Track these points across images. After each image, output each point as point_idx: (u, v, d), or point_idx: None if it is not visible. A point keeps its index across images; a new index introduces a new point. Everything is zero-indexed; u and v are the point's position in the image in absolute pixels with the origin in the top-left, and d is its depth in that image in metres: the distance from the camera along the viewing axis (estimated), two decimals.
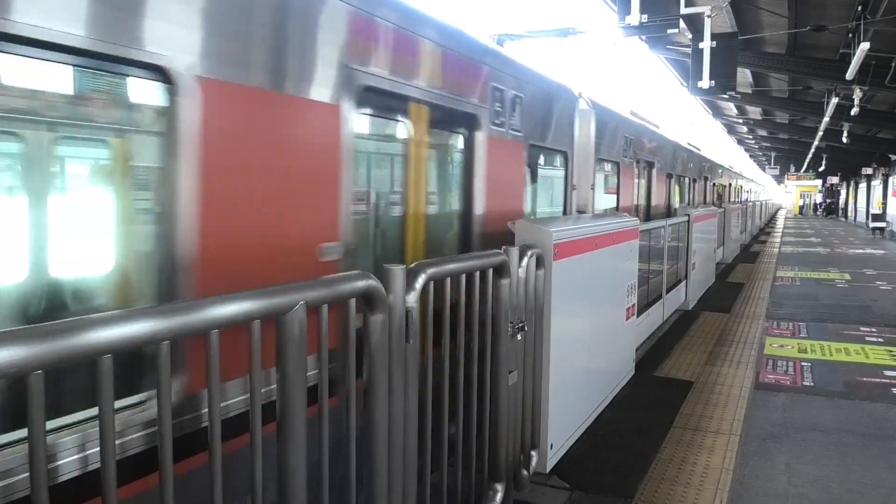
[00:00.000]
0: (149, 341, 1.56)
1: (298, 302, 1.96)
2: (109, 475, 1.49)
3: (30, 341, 1.32)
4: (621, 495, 3.80)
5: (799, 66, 17.08)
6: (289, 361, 1.98)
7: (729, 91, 10.87)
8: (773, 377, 6.29)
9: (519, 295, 3.49)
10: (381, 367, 2.36)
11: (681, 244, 9.76)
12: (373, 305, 2.32)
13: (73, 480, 2.01)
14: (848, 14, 12.50)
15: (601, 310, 5.09)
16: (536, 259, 3.68)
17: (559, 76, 6.21)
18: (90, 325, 1.44)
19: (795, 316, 9.39)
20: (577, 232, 4.38)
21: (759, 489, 3.93)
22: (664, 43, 16.43)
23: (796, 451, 4.49)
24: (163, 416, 1.62)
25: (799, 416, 5.21)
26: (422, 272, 2.59)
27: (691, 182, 15.77)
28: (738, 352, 7.16)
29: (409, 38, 3.70)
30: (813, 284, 12.82)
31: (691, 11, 9.30)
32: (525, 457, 3.74)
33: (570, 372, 4.34)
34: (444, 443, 2.93)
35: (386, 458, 2.42)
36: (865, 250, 21.13)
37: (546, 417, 3.95)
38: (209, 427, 1.76)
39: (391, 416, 2.42)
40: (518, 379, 3.54)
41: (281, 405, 2.00)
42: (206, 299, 1.75)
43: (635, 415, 5.12)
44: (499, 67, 4.81)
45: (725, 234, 15.95)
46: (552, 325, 3.94)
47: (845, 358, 7.06)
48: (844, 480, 4.06)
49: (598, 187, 7.63)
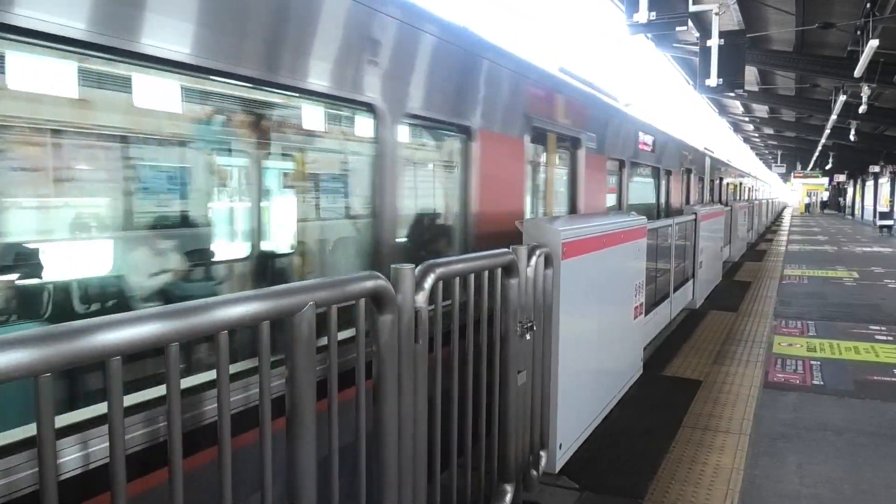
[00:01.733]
0: (157, 343, 1.55)
1: (307, 303, 1.95)
2: (119, 477, 1.48)
3: (38, 344, 1.31)
4: (632, 496, 3.77)
5: (806, 63, 16.98)
6: (298, 362, 1.97)
7: (736, 89, 10.82)
8: (783, 376, 6.25)
9: (527, 294, 3.47)
10: (390, 368, 2.34)
11: (688, 243, 9.72)
12: (382, 305, 2.30)
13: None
14: (856, 11, 12.41)
15: (609, 309, 5.06)
16: (545, 258, 3.66)
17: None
18: (98, 328, 1.43)
19: (804, 314, 9.34)
20: (585, 231, 4.35)
21: (771, 489, 3.90)
22: (671, 41, 16.37)
23: (807, 451, 4.45)
24: (172, 418, 1.61)
25: (809, 415, 5.17)
26: (431, 272, 2.57)
27: (663, 175, 11.65)
28: (746, 351, 7.12)
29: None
30: (821, 283, 12.74)
31: (699, 9, 9.25)
32: (534, 457, 3.72)
33: (578, 372, 4.32)
34: (453, 443, 2.92)
35: (395, 457, 2.40)
36: (873, 248, 21.01)
37: (555, 417, 3.92)
38: (218, 427, 1.75)
39: (401, 416, 2.41)
40: (527, 379, 3.52)
41: (290, 406, 1.99)
42: (213, 300, 1.74)
43: (644, 414, 5.09)
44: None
45: (732, 233, 15.87)
46: (560, 324, 3.92)
47: (855, 357, 7.01)
48: (857, 481, 4.02)
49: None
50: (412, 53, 3.85)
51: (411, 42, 3.83)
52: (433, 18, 4.07)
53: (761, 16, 14.68)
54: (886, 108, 21.73)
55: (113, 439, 1.48)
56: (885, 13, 11.43)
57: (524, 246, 3.48)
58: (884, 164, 33.82)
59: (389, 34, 3.59)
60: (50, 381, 1.33)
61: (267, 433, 1.88)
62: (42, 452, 1.34)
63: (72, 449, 2.04)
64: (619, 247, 5.07)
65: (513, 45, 5.38)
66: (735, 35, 10.95)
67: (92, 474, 2.07)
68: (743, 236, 18.55)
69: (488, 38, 4.84)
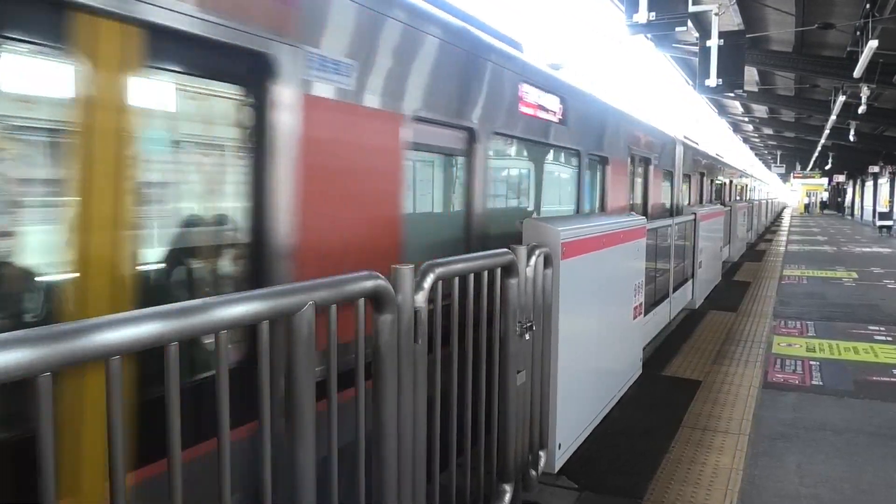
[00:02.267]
0: (157, 342, 1.54)
1: (307, 302, 1.95)
2: (119, 477, 1.48)
3: (37, 343, 1.30)
4: (631, 496, 3.77)
5: (806, 64, 16.97)
6: (298, 362, 1.97)
7: (736, 89, 10.83)
8: (782, 376, 6.25)
9: (527, 294, 3.47)
10: (389, 367, 2.34)
11: (687, 243, 9.73)
12: (381, 305, 2.30)
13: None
14: (856, 12, 12.41)
15: (609, 309, 5.07)
16: (544, 258, 3.66)
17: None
18: (98, 328, 1.43)
19: (803, 315, 9.34)
20: (585, 231, 4.35)
21: (771, 490, 3.90)
22: (670, 41, 16.37)
23: (807, 451, 4.46)
24: (171, 417, 1.61)
25: (808, 415, 5.17)
26: (430, 272, 2.57)
27: (586, 163, 7.64)
28: (745, 351, 7.12)
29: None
30: (820, 283, 12.75)
31: (699, 9, 9.25)
32: (533, 457, 3.72)
33: (577, 371, 4.32)
34: (452, 443, 2.92)
35: (395, 457, 2.40)
36: (872, 248, 21.01)
37: (554, 417, 3.92)
38: (218, 425, 1.75)
39: (400, 416, 2.41)
40: (526, 379, 3.52)
41: (290, 405, 1.99)
42: (213, 299, 1.74)
43: (643, 414, 5.09)
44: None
45: (732, 233, 15.87)
46: (560, 324, 3.92)
47: (854, 357, 7.01)
48: (856, 481, 4.02)
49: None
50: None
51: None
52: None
53: (761, 16, 14.68)
54: (886, 109, 21.73)
55: (113, 440, 1.47)
56: (885, 14, 11.42)
57: (524, 246, 3.48)
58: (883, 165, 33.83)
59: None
60: (49, 380, 1.33)
61: (266, 433, 1.88)
62: (41, 452, 1.33)
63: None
64: (619, 247, 5.07)
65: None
66: (735, 35, 10.96)
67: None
68: (742, 236, 18.55)
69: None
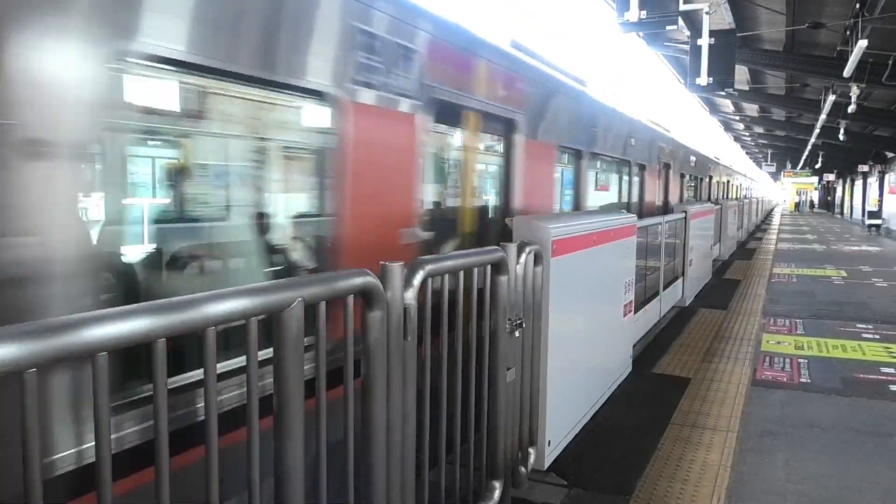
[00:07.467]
0: (145, 339, 1.54)
1: (296, 299, 1.94)
2: (105, 472, 1.47)
3: (23, 339, 1.30)
4: (620, 492, 3.79)
5: (796, 63, 17.05)
6: (286, 359, 1.96)
7: (727, 88, 10.87)
8: (771, 374, 6.29)
9: (517, 292, 3.48)
10: (379, 365, 2.34)
11: (678, 241, 9.77)
12: (371, 302, 2.30)
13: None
14: (846, 11, 12.48)
15: (599, 306, 5.08)
16: (534, 256, 3.67)
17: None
18: (85, 323, 1.42)
19: (792, 313, 9.40)
20: (576, 228, 4.36)
21: (758, 486, 3.93)
22: (662, 39, 16.41)
23: (794, 448, 4.49)
24: (159, 414, 1.61)
25: (796, 412, 5.21)
26: (420, 269, 2.57)
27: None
28: (735, 348, 7.16)
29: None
30: (809, 281, 12.84)
31: (690, 8, 9.27)
32: (523, 454, 3.73)
33: (567, 369, 4.33)
34: (442, 440, 2.92)
35: (384, 455, 2.40)
36: (861, 247, 21.16)
37: (544, 414, 3.94)
38: (206, 423, 1.74)
39: (389, 413, 2.41)
40: (516, 376, 3.53)
41: (278, 402, 1.99)
42: (201, 295, 1.73)
43: (633, 412, 5.11)
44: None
45: (722, 231, 15.95)
46: (550, 321, 3.93)
47: (842, 355, 7.07)
48: (843, 477, 4.06)
49: None
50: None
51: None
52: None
53: (752, 15, 14.74)
54: (875, 108, 21.87)
55: (99, 437, 1.47)
56: (875, 14, 11.50)
57: (514, 243, 3.49)
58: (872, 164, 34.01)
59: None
60: (35, 376, 1.32)
61: (254, 431, 1.88)
62: (27, 449, 1.33)
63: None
64: (609, 244, 5.09)
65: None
66: (726, 34, 10.99)
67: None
68: (733, 234, 18.62)
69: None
